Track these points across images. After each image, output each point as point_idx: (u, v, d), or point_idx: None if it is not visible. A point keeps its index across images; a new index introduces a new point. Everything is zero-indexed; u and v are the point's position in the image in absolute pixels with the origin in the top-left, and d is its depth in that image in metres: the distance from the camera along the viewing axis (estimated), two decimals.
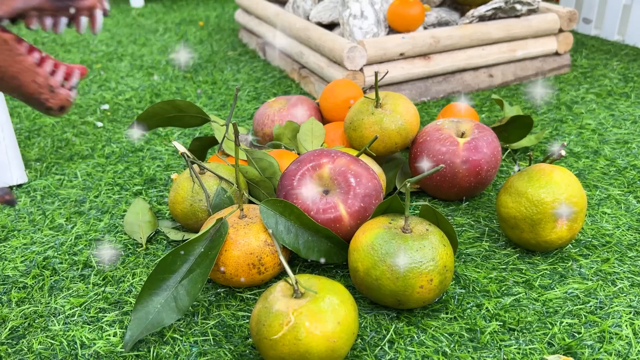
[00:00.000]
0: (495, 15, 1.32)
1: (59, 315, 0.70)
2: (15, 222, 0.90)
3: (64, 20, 0.48)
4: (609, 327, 0.65)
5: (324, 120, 1.05)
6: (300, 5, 1.48)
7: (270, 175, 0.84)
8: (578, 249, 0.78)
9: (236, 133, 0.70)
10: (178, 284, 0.67)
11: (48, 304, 0.72)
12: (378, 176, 0.86)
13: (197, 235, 0.69)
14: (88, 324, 0.69)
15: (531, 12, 1.36)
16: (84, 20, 0.49)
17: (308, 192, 0.74)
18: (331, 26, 1.42)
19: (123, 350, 0.65)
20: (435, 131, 0.88)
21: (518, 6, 1.31)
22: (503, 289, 0.72)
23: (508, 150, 1.03)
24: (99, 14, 0.50)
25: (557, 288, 0.71)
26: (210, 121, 0.91)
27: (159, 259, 0.79)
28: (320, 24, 1.41)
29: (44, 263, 0.80)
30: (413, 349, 0.63)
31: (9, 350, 0.65)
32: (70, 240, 0.85)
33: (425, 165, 0.87)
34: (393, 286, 0.64)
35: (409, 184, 0.65)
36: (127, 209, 0.91)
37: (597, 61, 1.50)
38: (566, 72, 1.43)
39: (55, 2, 0.46)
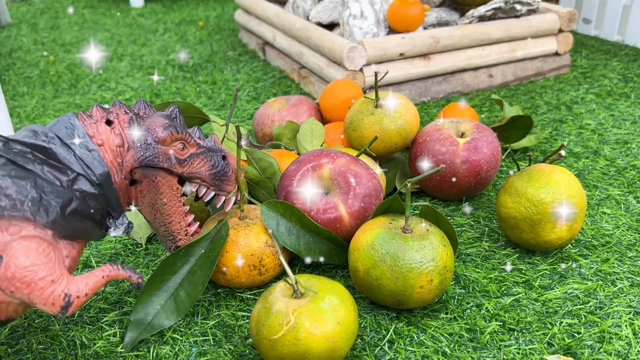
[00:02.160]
0: (495, 15, 1.32)
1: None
2: None
3: (211, 193, 0.66)
4: (608, 327, 0.65)
5: (323, 120, 1.05)
6: (300, 6, 1.48)
7: (270, 175, 0.84)
8: (578, 249, 0.79)
9: (238, 135, 0.70)
10: (178, 285, 0.67)
11: None
12: (378, 176, 0.86)
13: (197, 236, 0.69)
14: (88, 324, 0.69)
15: (531, 12, 1.36)
16: (222, 199, 0.68)
17: (308, 193, 0.74)
18: (331, 26, 1.42)
19: (123, 350, 0.65)
20: (435, 131, 0.88)
21: (518, 6, 1.32)
22: (503, 289, 0.72)
23: (508, 151, 1.03)
24: (232, 199, 0.69)
25: (557, 288, 0.71)
26: (210, 121, 0.91)
27: (161, 260, 0.79)
28: (320, 24, 1.41)
29: None
30: (413, 349, 0.63)
31: (9, 350, 0.65)
32: None
33: (425, 165, 0.87)
34: (393, 286, 0.64)
35: (409, 184, 0.65)
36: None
37: (596, 61, 1.50)
38: (566, 73, 1.43)
39: (214, 182, 0.65)
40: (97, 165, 0.56)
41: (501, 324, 0.66)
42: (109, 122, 0.59)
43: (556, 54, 1.41)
